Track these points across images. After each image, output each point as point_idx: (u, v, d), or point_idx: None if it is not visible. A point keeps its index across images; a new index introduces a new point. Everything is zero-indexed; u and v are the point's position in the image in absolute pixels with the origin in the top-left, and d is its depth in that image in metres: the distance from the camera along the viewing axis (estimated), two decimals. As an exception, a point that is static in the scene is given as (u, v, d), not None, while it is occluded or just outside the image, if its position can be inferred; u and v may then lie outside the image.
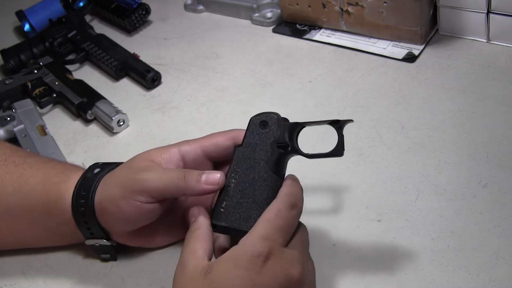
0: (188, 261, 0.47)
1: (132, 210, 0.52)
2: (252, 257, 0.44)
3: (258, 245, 0.44)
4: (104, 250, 0.58)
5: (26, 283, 0.59)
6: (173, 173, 0.51)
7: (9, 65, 0.92)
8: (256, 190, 0.49)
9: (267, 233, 0.45)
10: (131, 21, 0.98)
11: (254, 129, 0.51)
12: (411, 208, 0.58)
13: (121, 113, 0.77)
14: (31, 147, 0.74)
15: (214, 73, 0.86)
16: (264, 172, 0.50)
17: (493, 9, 0.73)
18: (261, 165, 0.50)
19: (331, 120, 0.51)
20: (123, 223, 0.54)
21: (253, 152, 0.51)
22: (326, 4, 0.84)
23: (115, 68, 0.87)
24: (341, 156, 0.50)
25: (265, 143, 0.51)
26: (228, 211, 0.49)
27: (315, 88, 0.78)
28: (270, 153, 0.50)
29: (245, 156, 0.51)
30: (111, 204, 0.53)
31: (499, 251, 0.52)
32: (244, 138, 0.51)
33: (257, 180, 0.50)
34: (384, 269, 0.53)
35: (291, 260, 0.45)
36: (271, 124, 0.51)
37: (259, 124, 0.51)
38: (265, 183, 0.50)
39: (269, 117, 0.52)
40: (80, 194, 0.54)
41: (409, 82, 0.75)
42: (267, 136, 0.51)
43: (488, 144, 0.63)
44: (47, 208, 0.56)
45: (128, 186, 0.52)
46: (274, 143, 0.51)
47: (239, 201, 0.49)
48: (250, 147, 0.51)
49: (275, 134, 0.51)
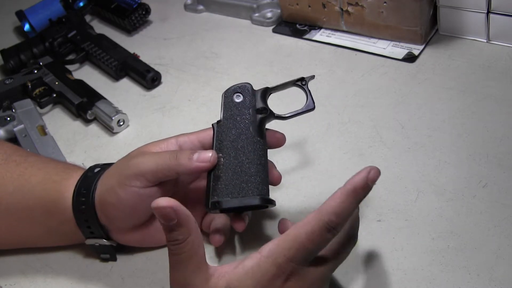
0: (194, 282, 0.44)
1: (129, 197, 0.52)
2: (274, 277, 0.43)
3: (283, 266, 0.43)
4: (104, 250, 0.58)
5: (26, 283, 0.59)
6: (165, 154, 0.52)
7: (9, 65, 0.92)
8: (248, 156, 0.50)
9: (293, 255, 0.43)
10: (131, 21, 0.98)
11: (229, 102, 0.53)
12: (411, 208, 0.58)
13: (121, 113, 0.77)
14: (31, 147, 0.74)
15: (214, 73, 0.86)
16: (251, 137, 0.51)
17: (493, 9, 0.73)
18: (246, 132, 0.51)
19: (295, 80, 0.54)
20: (123, 214, 0.53)
21: (235, 123, 0.52)
22: (326, 4, 0.84)
23: (115, 68, 0.87)
24: (313, 109, 0.54)
25: (246, 112, 0.52)
26: (227, 184, 0.49)
27: (315, 88, 0.78)
28: (253, 119, 0.52)
29: (228, 128, 0.52)
30: (110, 194, 0.53)
31: (499, 251, 0.52)
32: (222, 113, 0.53)
33: (246, 147, 0.51)
34: (384, 269, 0.53)
35: (311, 281, 0.45)
36: (244, 93, 0.53)
37: (234, 95, 0.53)
38: (254, 147, 0.51)
39: (242, 87, 0.54)
40: (81, 192, 0.55)
41: (409, 82, 0.75)
42: (245, 105, 0.53)
43: (488, 144, 0.63)
44: (47, 207, 0.56)
45: (123, 172, 0.52)
46: (253, 109, 0.52)
47: (235, 171, 0.50)
48: (230, 119, 0.52)
49: (252, 101, 0.53)
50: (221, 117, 0.53)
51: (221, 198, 0.49)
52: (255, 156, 0.50)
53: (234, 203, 0.49)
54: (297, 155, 0.68)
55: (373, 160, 0.65)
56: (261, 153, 0.51)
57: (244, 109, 0.53)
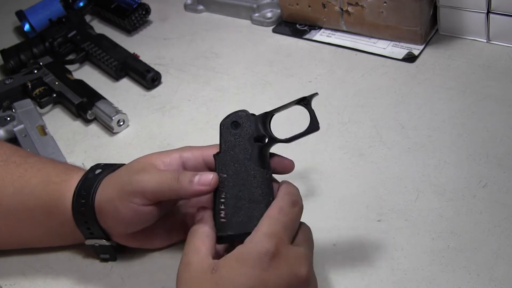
0: (193, 259, 0.46)
1: (128, 212, 0.52)
2: (259, 255, 0.44)
3: (265, 242, 0.44)
4: (104, 250, 0.58)
5: (26, 283, 0.59)
6: (167, 174, 0.51)
7: (9, 65, 0.92)
8: (249, 189, 0.49)
9: (272, 230, 0.45)
10: (131, 21, 0.98)
11: (227, 132, 0.51)
12: (411, 208, 0.58)
13: (121, 113, 0.77)
14: (31, 147, 0.74)
15: (214, 73, 0.86)
16: (251, 169, 0.50)
17: (493, 9, 0.73)
18: (246, 163, 0.50)
19: (297, 100, 0.51)
20: (121, 224, 0.54)
21: (234, 154, 0.50)
22: (326, 4, 0.84)
23: (115, 68, 0.87)
24: (318, 130, 0.50)
25: (243, 141, 0.50)
26: (229, 219, 0.49)
27: (315, 88, 0.78)
28: (251, 150, 0.50)
29: (227, 160, 0.50)
30: (109, 205, 0.53)
31: (499, 251, 0.52)
32: (220, 144, 0.51)
33: (247, 180, 0.49)
34: (384, 269, 0.53)
35: (298, 258, 0.45)
36: (242, 122, 0.51)
37: (231, 125, 0.51)
38: (256, 179, 0.49)
39: (238, 116, 0.51)
40: (81, 194, 0.54)
41: (409, 82, 0.75)
42: (242, 134, 0.51)
43: (488, 144, 0.63)
44: (48, 208, 0.56)
45: (124, 187, 0.52)
46: (251, 139, 0.50)
47: (237, 205, 0.49)
48: (228, 150, 0.50)
49: (249, 130, 0.51)
50: (220, 149, 0.51)
51: (223, 232, 0.49)
52: (257, 189, 0.49)
53: (232, 238, 0.49)
54: (297, 155, 0.68)
55: (373, 160, 0.65)
56: (265, 184, 0.49)
57: (242, 140, 0.51)
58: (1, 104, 0.82)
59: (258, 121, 0.51)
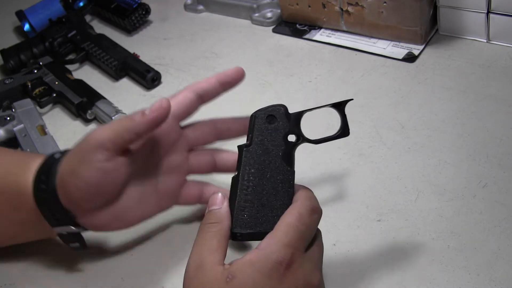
0: (207, 261, 0.44)
1: (93, 174, 0.50)
2: (275, 264, 0.42)
3: (282, 252, 0.43)
4: (73, 238, 0.56)
5: (26, 283, 0.59)
6: (119, 120, 0.51)
7: (9, 65, 0.92)
8: (275, 187, 0.47)
9: (289, 239, 0.44)
10: (131, 21, 0.98)
11: (261, 125, 0.49)
12: (411, 208, 0.58)
13: (121, 113, 0.78)
14: (31, 147, 0.74)
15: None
16: (281, 167, 0.48)
17: (493, 9, 0.73)
18: (277, 160, 0.48)
19: (332, 104, 0.51)
20: (87, 193, 0.51)
21: (265, 149, 0.48)
22: (326, 4, 0.84)
23: (115, 68, 0.87)
24: (347, 135, 0.50)
25: (277, 138, 0.48)
26: (249, 215, 0.47)
27: (315, 88, 0.78)
28: (284, 147, 0.48)
29: (257, 155, 0.48)
30: (72, 176, 0.51)
31: (499, 251, 0.52)
32: (252, 136, 0.48)
33: (274, 177, 0.48)
34: (384, 269, 0.53)
35: (311, 266, 0.44)
36: (279, 117, 0.49)
37: (266, 119, 0.49)
38: (283, 177, 0.48)
39: (275, 109, 0.49)
40: (41, 179, 0.52)
41: (409, 82, 0.75)
42: (277, 131, 0.49)
43: (488, 144, 0.63)
44: (11, 201, 0.54)
45: (82, 148, 0.51)
46: (285, 136, 0.49)
47: (259, 202, 0.47)
48: (260, 145, 0.48)
49: (285, 126, 0.49)
50: (251, 141, 0.48)
51: (242, 230, 0.47)
52: (282, 188, 0.48)
53: (252, 236, 0.47)
54: (297, 156, 0.67)
55: (373, 160, 0.65)
56: (289, 184, 0.48)
57: (277, 135, 0.48)
58: (1, 103, 0.82)
59: (293, 118, 0.50)
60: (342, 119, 0.50)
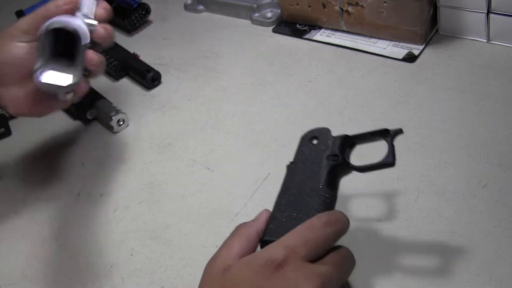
0: (221, 254, 0.45)
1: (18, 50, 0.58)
2: (266, 261, 0.42)
3: (276, 251, 0.43)
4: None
5: (26, 283, 0.59)
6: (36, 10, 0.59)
7: (9, 65, 0.92)
8: (308, 202, 0.48)
9: (289, 242, 0.43)
10: (131, 21, 0.98)
11: (304, 144, 0.51)
12: (411, 208, 0.58)
13: (121, 112, 0.78)
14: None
15: (214, 73, 0.86)
16: (316, 183, 0.48)
17: (493, 9, 0.73)
18: (313, 177, 0.49)
19: (380, 131, 0.51)
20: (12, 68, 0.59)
21: (305, 166, 0.50)
22: (326, 4, 0.84)
23: (115, 68, 0.87)
24: (393, 166, 0.49)
25: (317, 156, 0.50)
26: (280, 226, 0.47)
27: (315, 88, 0.78)
28: (323, 165, 0.49)
29: (297, 171, 0.50)
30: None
31: (499, 251, 0.52)
32: (295, 154, 0.51)
33: (308, 192, 0.48)
34: (384, 269, 0.53)
35: (307, 275, 0.42)
36: (321, 138, 0.51)
37: (310, 139, 0.51)
38: (317, 194, 0.48)
39: (319, 131, 0.52)
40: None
41: (409, 82, 0.75)
42: (318, 149, 0.50)
43: (488, 144, 0.63)
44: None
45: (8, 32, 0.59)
46: (325, 154, 0.50)
47: (291, 214, 0.47)
48: (301, 162, 0.50)
49: (326, 146, 0.50)
50: (294, 159, 0.51)
51: (268, 238, 0.47)
52: (314, 204, 0.47)
53: None
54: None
55: (373, 160, 0.64)
56: (322, 202, 0.48)
57: (317, 153, 0.50)
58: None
59: (337, 140, 0.51)
60: (389, 149, 0.50)
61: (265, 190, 0.64)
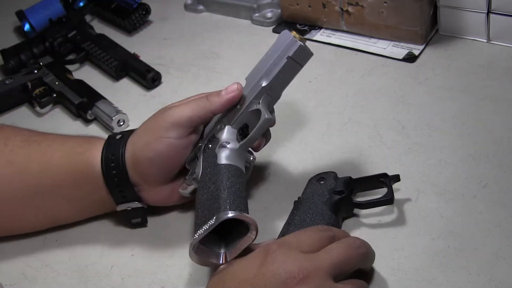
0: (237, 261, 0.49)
1: (166, 149, 0.55)
2: (261, 249, 0.47)
3: (271, 244, 0.47)
4: (136, 214, 0.60)
5: (26, 283, 0.59)
6: (196, 100, 0.56)
7: (9, 65, 0.92)
8: (314, 222, 0.54)
9: (285, 238, 0.48)
10: (131, 21, 0.98)
11: (312, 184, 0.58)
12: (411, 208, 0.58)
13: (121, 113, 0.77)
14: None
15: (214, 73, 0.86)
16: (321, 208, 0.55)
17: (493, 9, 0.73)
18: (319, 205, 0.55)
19: (379, 175, 0.58)
20: (158, 168, 0.56)
21: (312, 198, 0.56)
22: (326, 4, 0.84)
23: (115, 68, 0.87)
24: (391, 204, 0.56)
25: (323, 191, 0.57)
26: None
27: (315, 88, 0.78)
28: (328, 197, 0.56)
29: (303, 204, 0.56)
30: (144, 151, 0.55)
31: (499, 251, 0.52)
32: (303, 193, 0.58)
33: (315, 216, 0.54)
34: (384, 269, 0.53)
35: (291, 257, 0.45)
36: (327, 178, 0.58)
37: (317, 180, 0.58)
38: (322, 216, 0.54)
39: (326, 174, 0.59)
40: (109, 158, 0.56)
41: (409, 82, 0.75)
42: (324, 187, 0.57)
43: (488, 144, 0.63)
44: (76, 180, 0.57)
45: (159, 124, 0.56)
46: (330, 190, 0.57)
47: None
48: (308, 196, 0.57)
49: (331, 184, 0.58)
50: (302, 196, 0.58)
51: None
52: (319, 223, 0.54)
53: None
54: (298, 156, 0.68)
55: (373, 160, 0.65)
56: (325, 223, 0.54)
57: (323, 190, 0.57)
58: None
59: (341, 180, 0.58)
60: (388, 189, 0.57)
61: (264, 189, 0.64)
